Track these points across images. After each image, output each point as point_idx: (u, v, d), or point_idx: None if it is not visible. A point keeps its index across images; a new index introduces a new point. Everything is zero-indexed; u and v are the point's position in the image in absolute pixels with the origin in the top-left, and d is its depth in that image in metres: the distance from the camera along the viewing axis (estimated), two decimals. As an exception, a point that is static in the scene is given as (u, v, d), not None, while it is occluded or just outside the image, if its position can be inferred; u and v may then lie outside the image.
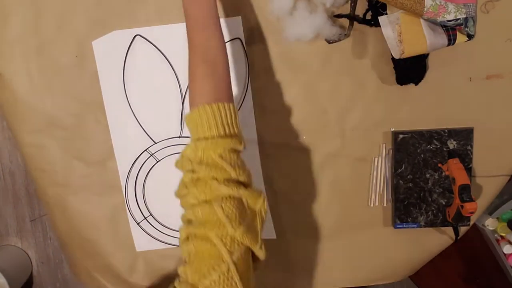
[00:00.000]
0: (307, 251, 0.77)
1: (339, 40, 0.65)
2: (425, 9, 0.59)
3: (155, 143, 0.72)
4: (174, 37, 0.69)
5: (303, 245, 0.77)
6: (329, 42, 0.66)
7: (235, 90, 0.70)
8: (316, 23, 0.64)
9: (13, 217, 1.22)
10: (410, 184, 0.73)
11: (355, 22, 0.66)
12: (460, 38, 0.62)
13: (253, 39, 0.69)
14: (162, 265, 0.78)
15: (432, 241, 0.77)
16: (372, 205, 0.75)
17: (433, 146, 0.72)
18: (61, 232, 0.79)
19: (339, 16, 0.65)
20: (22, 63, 0.70)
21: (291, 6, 0.64)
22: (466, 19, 0.61)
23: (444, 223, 0.74)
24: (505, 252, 1.08)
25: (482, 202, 0.74)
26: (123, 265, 0.79)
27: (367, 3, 0.65)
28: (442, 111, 0.71)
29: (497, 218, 1.11)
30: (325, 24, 0.64)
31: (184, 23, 0.68)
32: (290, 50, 0.69)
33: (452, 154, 0.71)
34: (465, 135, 0.71)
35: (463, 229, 0.76)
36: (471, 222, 0.75)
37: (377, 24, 0.64)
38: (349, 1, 0.65)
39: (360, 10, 0.66)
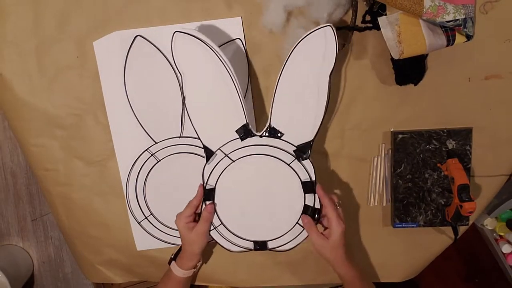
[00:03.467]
0: (308, 250, 0.78)
1: (338, 50, 0.66)
2: (424, 10, 0.59)
3: (156, 143, 0.73)
4: (174, 37, 0.69)
5: (304, 243, 0.77)
6: None
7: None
8: None
9: (14, 217, 1.22)
10: (409, 184, 0.74)
11: (354, 32, 0.66)
12: (459, 38, 0.62)
13: (253, 39, 0.69)
14: (163, 263, 0.79)
15: (431, 240, 0.77)
16: (371, 205, 0.76)
17: (432, 146, 0.72)
18: (65, 228, 0.79)
19: (339, 28, 0.66)
20: (22, 64, 0.70)
21: (283, 21, 0.65)
22: (465, 20, 0.61)
23: (443, 223, 0.75)
24: (504, 252, 1.09)
25: (481, 201, 0.75)
26: (125, 262, 0.79)
27: (366, 7, 0.66)
28: (441, 111, 0.71)
29: (496, 217, 1.11)
30: None
31: (185, 23, 0.69)
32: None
33: (451, 154, 0.72)
34: (464, 135, 0.71)
35: (462, 229, 0.76)
36: (470, 222, 0.76)
37: (377, 27, 0.64)
38: (350, 11, 0.65)
39: (358, 15, 0.66)
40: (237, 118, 0.64)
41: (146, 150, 0.73)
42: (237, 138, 0.65)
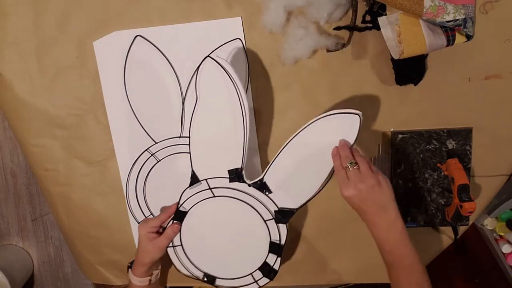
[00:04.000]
0: (307, 249, 0.78)
1: (338, 49, 0.66)
2: (424, 10, 0.59)
3: (156, 143, 0.73)
4: (175, 37, 0.69)
5: (304, 243, 0.77)
6: (328, 51, 0.67)
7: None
8: (310, 43, 0.65)
9: (15, 217, 1.23)
10: (410, 184, 0.74)
11: (354, 32, 0.66)
12: (459, 38, 0.62)
13: (253, 39, 0.69)
14: (161, 265, 0.79)
15: (431, 240, 0.77)
16: (371, 205, 0.76)
17: (432, 146, 0.72)
18: (65, 228, 0.79)
19: (339, 28, 0.66)
20: (22, 64, 0.70)
21: (283, 21, 0.65)
22: (465, 20, 0.61)
23: (443, 223, 0.75)
24: (504, 252, 1.08)
25: (481, 201, 0.75)
26: (125, 262, 0.79)
27: (366, 7, 0.66)
28: (441, 111, 0.71)
29: (496, 217, 1.11)
30: (319, 42, 0.66)
31: (185, 23, 0.69)
32: (290, 51, 0.69)
33: (451, 154, 0.72)
34: (464, 135, 0.71)
35: (462, 229, 0.76)
36: (470, 222, 0.76)
37: (377, 27, 0.64)
38: (350, 11, 0.65)
39: (358, 15, 0.66)
40: (234, 158, 0.63)
41: (146, 150, 0.73)
42: (226, 178, 0.65)
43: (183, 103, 0.71)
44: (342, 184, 0.57)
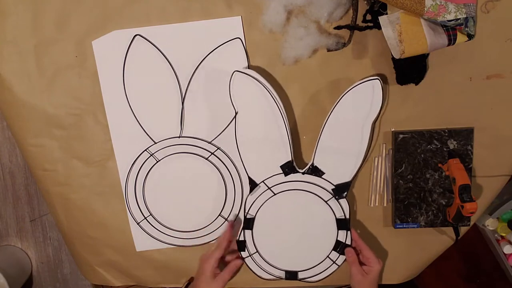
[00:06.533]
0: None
1: (339, 49, 0.66)
2: (425, 9, 0.59)
3: (155, 143, 0.72)
4: (174, 36, 0.69)
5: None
6: (328, 50, 0.67)
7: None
8: (310, 42, 0.66)
9: (13, 217, 1.22)
10: (410, 184, 0.73)
11: (355, 31, 0.66)
12: (461, 38, 0.62)
13: (253, 38, 0.69)
14: (162, 264, 0.78)
15: (432, 241, 0.77)
16: (372, 205, 0.75)
17: (433, 146, 0.72)
18: (64, 229, 0.79)
19: (339, 27, 0.66)
20: (21, 63, 0.70)
21: (283, 20, 0.65)
22: (466, 19, 0.61)
23: (444, 223, 0.74)
24: (505, 252, 1.08)
25: (482, 202, 0.74)
26: (124, 263, 0.79)
27: (367, 6, 0.65)
28: (442, 111, 0.71)
29: (497, 218, 1.11)
30: (320, 41, 0.66)
31: (184, 23, 0.68)
32: (290, 50, 0.69)
33: (452, 154, 0.71)
34: (465, 135, 0.71)
35: (463, 229, 0.76)
36: (471, 222, 0.76)
37: (377, 27, 0.64)
38: (351, 11, 0.65)
39: (358, 14, 0.66)
40: (283, 154, 0.68)
41: (145, 150, 0.73)
42: (281, 173, 0.69)
43: (182, 103, 0.71)
44: (378, 258, 0.70)
